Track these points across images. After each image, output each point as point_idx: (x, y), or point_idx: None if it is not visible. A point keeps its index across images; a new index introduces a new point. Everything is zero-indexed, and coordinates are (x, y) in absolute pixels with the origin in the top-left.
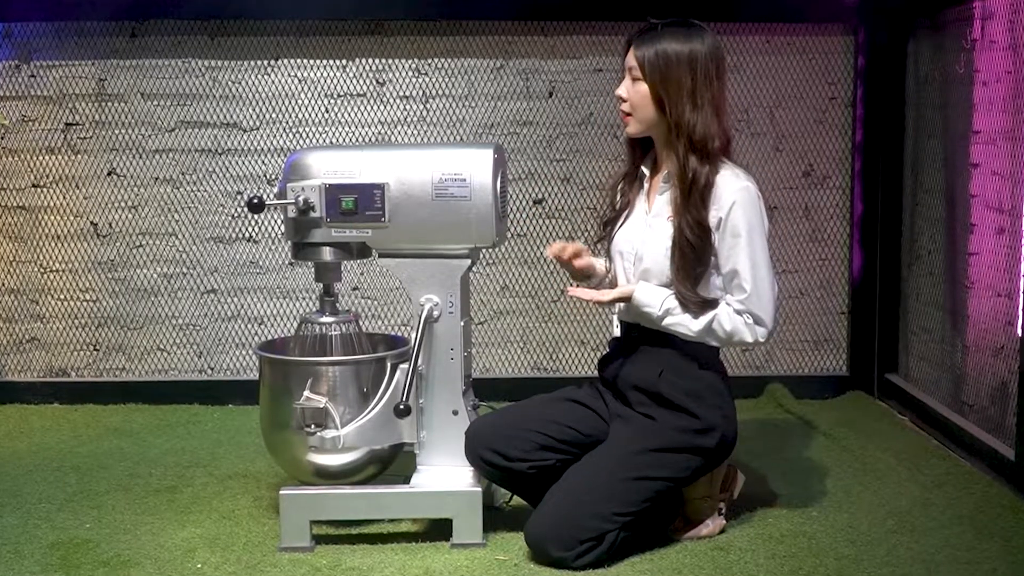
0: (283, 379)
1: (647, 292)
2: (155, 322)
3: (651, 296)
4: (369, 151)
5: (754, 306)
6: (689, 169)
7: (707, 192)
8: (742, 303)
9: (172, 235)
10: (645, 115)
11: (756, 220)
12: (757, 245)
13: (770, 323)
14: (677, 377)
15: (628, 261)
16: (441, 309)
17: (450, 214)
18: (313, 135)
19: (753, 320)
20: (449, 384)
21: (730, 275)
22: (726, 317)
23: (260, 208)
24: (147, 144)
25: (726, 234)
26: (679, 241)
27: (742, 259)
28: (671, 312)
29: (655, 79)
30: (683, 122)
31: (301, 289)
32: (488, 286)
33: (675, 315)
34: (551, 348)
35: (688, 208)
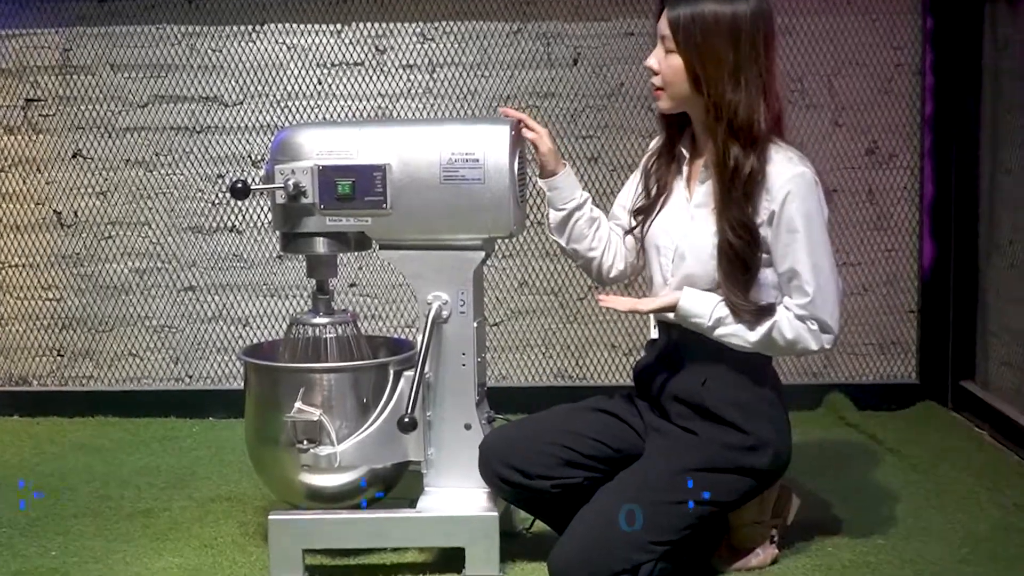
0: (271, 388)
1: (694, 300)
2: (126, 324)
3: (699, 304)
4: (368, 128)
5: (818, 310)
6: (730, 158)
7: (752, 186)
8: (803, 308)
9: (145, 225)
10: (678, 92)
11: (815, 211)
12: (817, 240)
13: (836, 328)
14: (724, 386)
15: (666, 258)
16: (451, 308)
17: (461, 199)
18: (304, 110)
19: (818, 326)
20: (460, 394)
21: (788, 275)
22: (787, 324)
23: (244, 194)
24: (117, 122)
25: (781, 230)
26: (722, 245)
27: (801, 258)
28: (723, 322)
29: (690, 52)
30: (723, 103)
31: (291, 286)
32: (505, 282)
33: (728, 325)
34: (577, 353)
35: (729, 206)
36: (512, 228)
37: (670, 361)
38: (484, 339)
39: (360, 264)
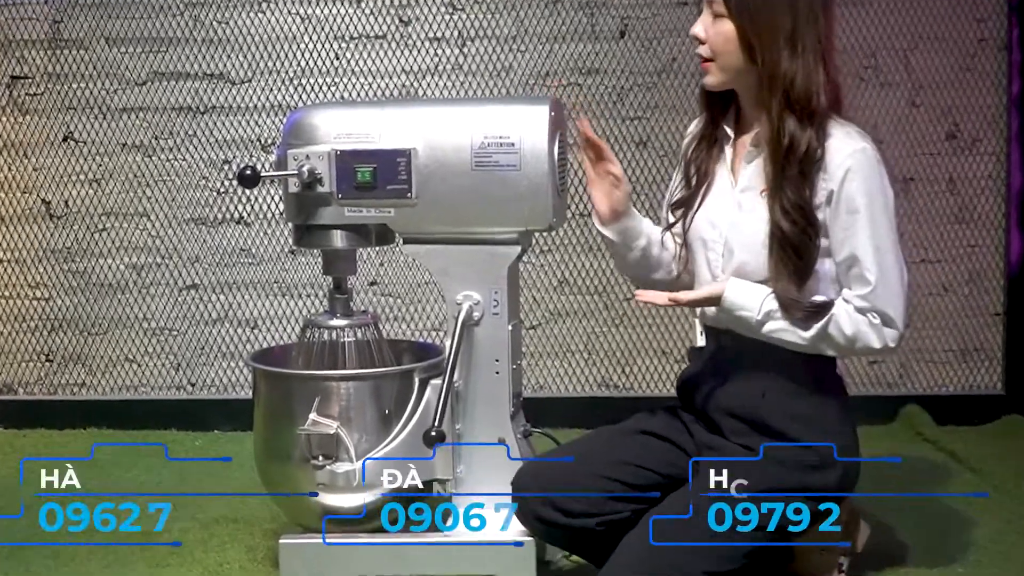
0: (283, 398)
1: (741, 291)
2: (122, 326)
3: (747, 296)
4: (391, 108)
5: (880, 301)
6: (785, 133)
7: (809, 164)
8: (865, 298)
9: (143, 216)
10: (729, 63)
11: (877, 191)
12: (881, 223)
13: (901, 323)
14: (784, 398)
15: (714, 251)
16: (483, 309)
17: (494, 188)
18: (320, 88)
19: (880, 320)
20: (493, 405)
21: (847, 263)
22: (845, 318)
23: (253, 181)
24: (112, 102)
25: (840, 211)
26: (774, 231)
27: (862, 242)
28: (773, 316)
29: (743, 17)
30: (779, 73)
31: (305, 284)
32: (543, 280)
33: (779, 320)
34: (623, 360)
35: (784, 186)
36: (551, 220)
37: (721, 371)
38: (520, 344)
39: (382, 260)
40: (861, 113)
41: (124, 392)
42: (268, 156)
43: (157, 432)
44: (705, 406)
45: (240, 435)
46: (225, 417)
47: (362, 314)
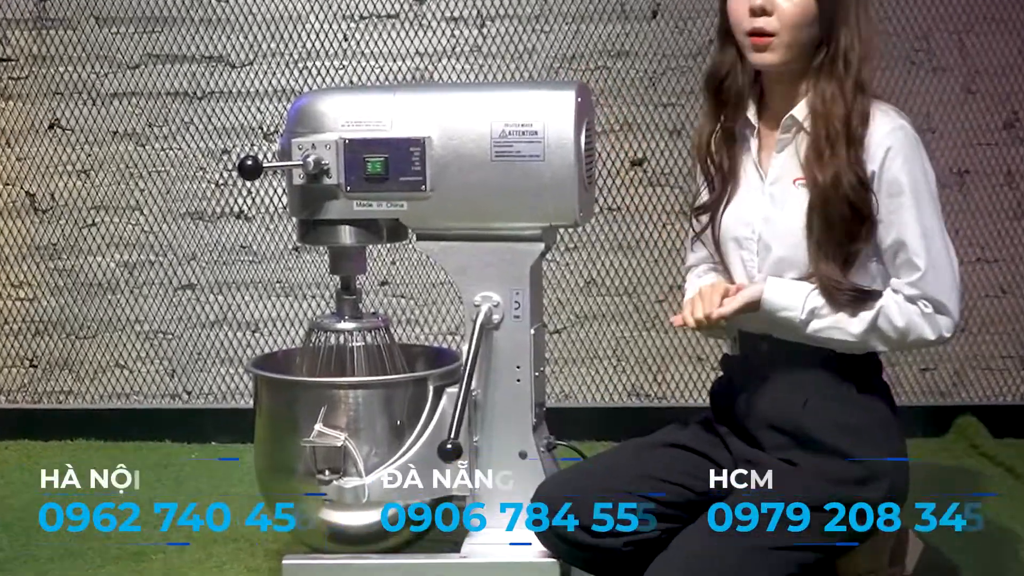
0: (287, 407)
1: (781, 290)
2: (112, 328)
3: (787, 294)
4: (404, 94)
5: (931, 288)
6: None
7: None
8: (914, 286)
9: (135, 210)
10: (798, 38)
11: (920, 171)
12: (926, 204)
13: (955, 310)
14: (827, 407)
15: (748, 250)
16: (503, 312)
17: (516, 180)
18: (327, 72)
19: (933, 308)
20: (515, 415)
21: (893, 249)
22: (895, 309)
23: (255, 172)
24: (102, 86)
25: (882, 194)
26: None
27: (908, 225)
28: (818, 313)
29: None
30: (850, 42)
31: (310, 284)
32: (568, 280)
33: (824, 316)
34: (655, 366)
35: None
36: (577, 215)
37: (758, 380)
38: (543, 349)
39: (393, 258)
40: (912, 100)
41: (114, 400)
42: (271, 145)
43: (150, 444)
44: (742, 418)
45: (240, 447)
46: (224, 428)
47: (372, 316)
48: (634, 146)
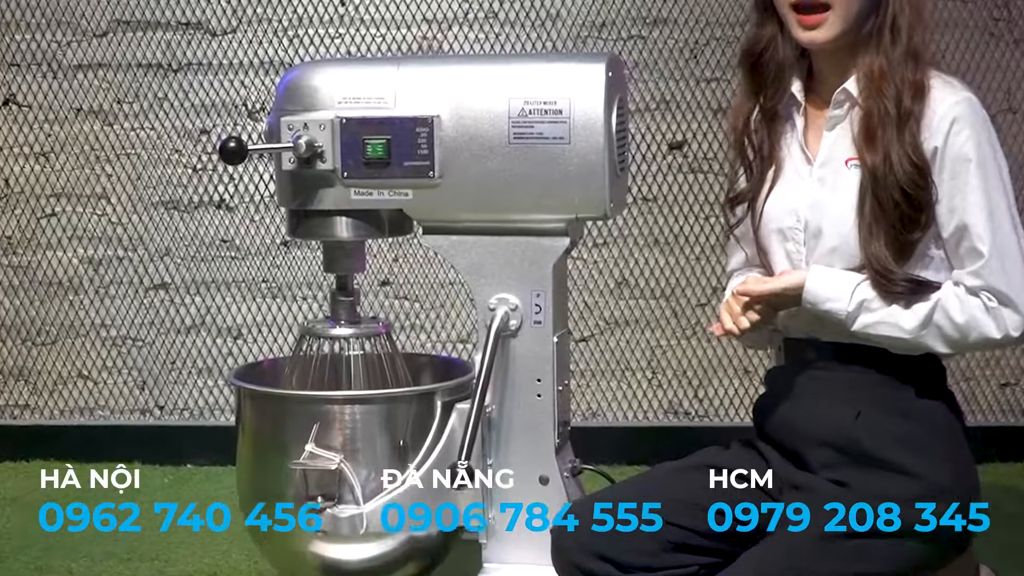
0: (274, 424)
1: (827, 279)
2: (75, 334)
3: (833, 283)
4: (409, 67)
5: (996, 277)
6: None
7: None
8: (977, 274)
9: (101, 198)
10: (853, 10)
11: (988, 147)
12: (994, 184)
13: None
14: (883, 418)
15: (795, 241)
16: (522, 317)
17: (537, 166)
18: (321, 41)
19: (998, 301)
20: (534, 435)
21: (956, 236)
22: (955, 303)
23: (239, 156)
24: (65, 57)
25: (944, 173)
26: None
27: (972, 206)
28: (868, 306)
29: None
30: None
31: (301, 284)
32: (597, 280)
33: (875, 310)
34: (696, 380)
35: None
36: (607, 206)
37: (806, 392)
38: (567, 360)
39: (396, 255)
40: (990, 77)
41: (76, 416)
42: (256, 125)
43: (117, 466)
44: (787, 435)
45: (219, 470)
46: (202, 448)
47: (371, 321)
48: (672, 127)
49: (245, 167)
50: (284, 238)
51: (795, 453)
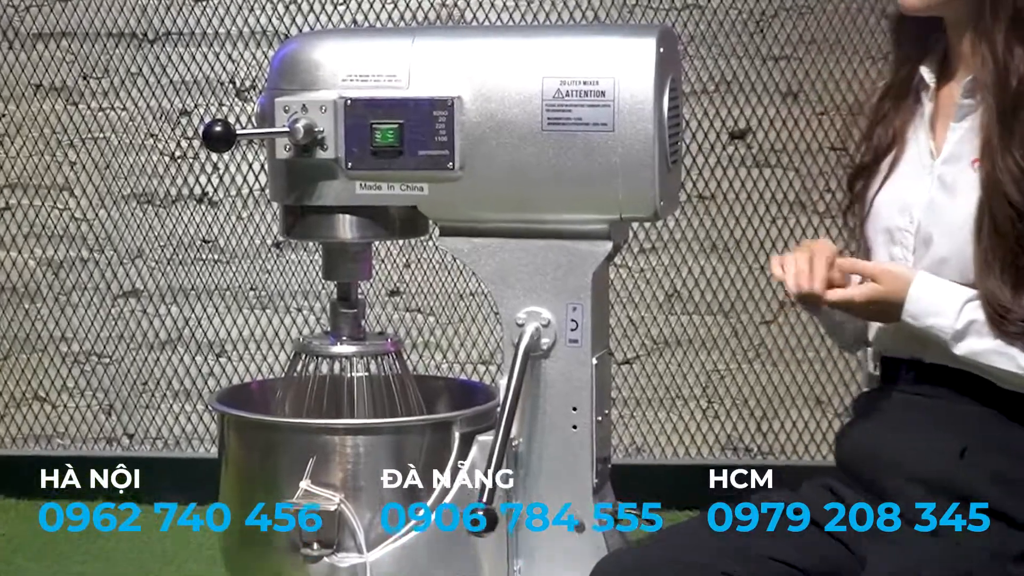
0: (263, 457)
1: (932, 289)
2: (30, 349)
3: (938, 297)
4: (426, 39)
5: None
6: (1013, 73)
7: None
8: None
9: (63, 190)
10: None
11: None
12: None
13: None
14: (992, 457)
15: (902, 245)
16: (555, 334)
17: (575, 157)
18: (323, 8)
19: None
20: (569, 473)
21: None
22: None
23: (225, 142)
24: (23, 25)
25: None
26: (991, 206)
27: None
28: (978, 329)
29: None
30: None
31: (296, 292)
32: (643, 292)
33: (983, 335)
34: (759, 410)
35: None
36: (657, 205)
37: (902, 420)
38: (608, 385)
39: (408, 259)
40: None
41: (31, 446)
42: (246, 106)
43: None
44: (876, 470)
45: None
46: (178, 484)
47: (378, 338)
48: (734, 113)
49: (232, 155)
50: (277, 239)
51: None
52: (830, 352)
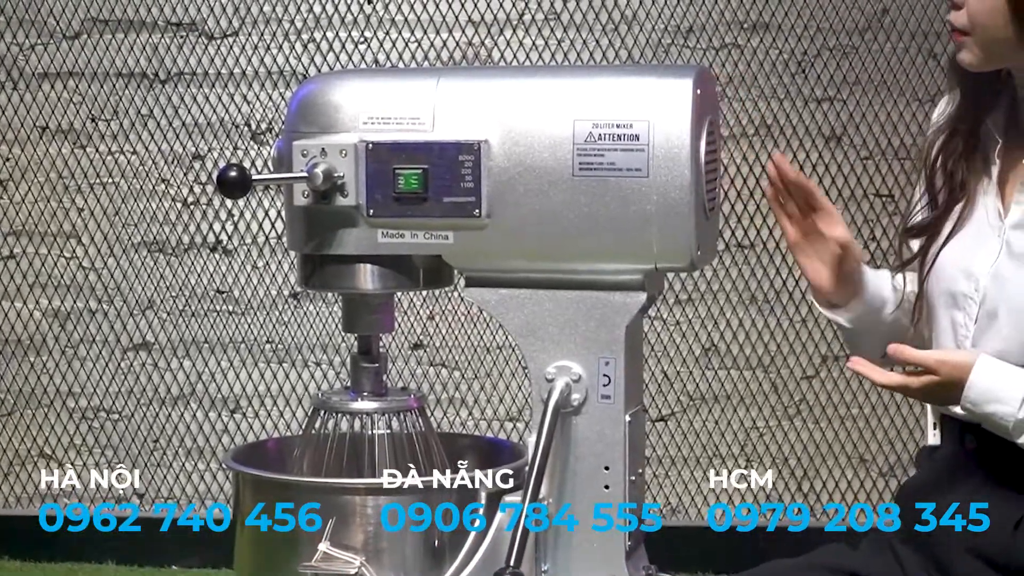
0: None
1: (992, 375)
2: (35, 404)
3: (1001, 383)
4: (450, 80)
5: None
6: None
7: None
8: None
9: (70, 237)
10: (994, 36)
11: None
12: None
13: None
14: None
15: (965, 312)
16: (586, 389)
17: (608, 204)
18: (343, 48)
19: None
20: (601, 536)
21: None
22: None
23: (241, 188)
24: (28, 63)
25: None
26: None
27: None
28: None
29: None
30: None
31: (315, 346)
32: (679, 346)
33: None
34: (799, 469)
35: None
36: (694, 254)
37: (962, 487)
38: (642, 443)
39: (432, 311)
40: None
41: (35, 505)
42: (262, 150)
43: (87, 567)
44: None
45: (212, 574)
46: (191, 546)
47: (401, 393)
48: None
49: (247, 201)
50: (294, 289)
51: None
52: (874, 409)
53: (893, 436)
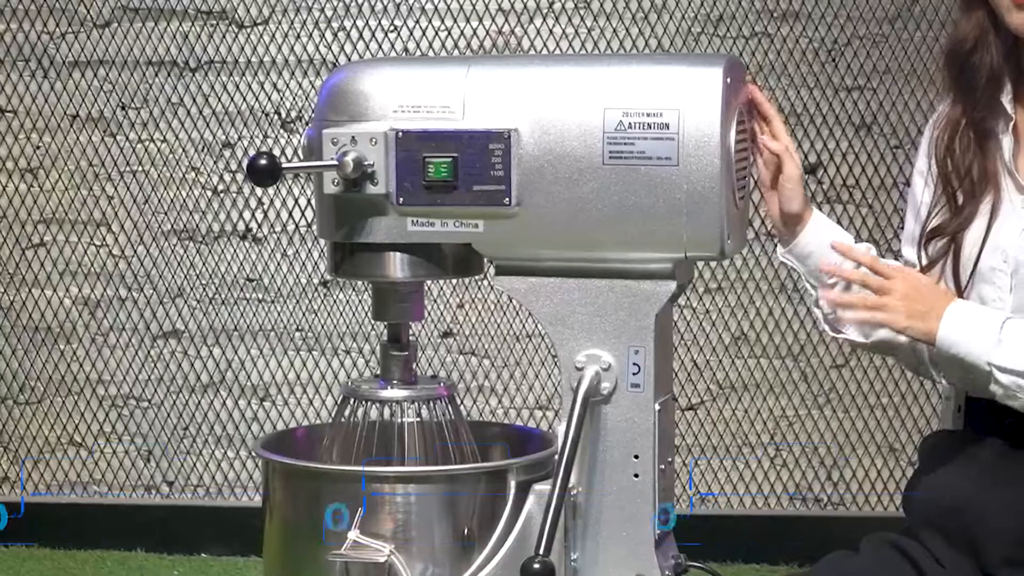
0: (309, 506)
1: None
2: (65, 392)
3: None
4: (481, 68)
5: None
6: None
7: None
8: None
9: (101, 225)
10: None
11: None
12: None
13: None
14: None
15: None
16: (616, 378)
17: (638, 193)
18: (372, 36)
19: None
20: (630, 525)
21: None
22: None
23: (271, 176)
24: (59, 52)
25: None
26: None
27: None
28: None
29: None
30: None
31: (344, 334)
32: (709, 334)
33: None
34: (828, 458)
35: None
36: (724, 243)
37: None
38: (672, 432)
39: (462, 300)
40: None
41: (66, 492)
42: (292, 138)
43: (115, 554)
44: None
45: (241, 561)
46: (220, 534)
47: (431, 381)
48: (805, 146)
49: (277, 190)
50: (324, 277)
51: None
52: (903, 398)
53: (923, 425)
